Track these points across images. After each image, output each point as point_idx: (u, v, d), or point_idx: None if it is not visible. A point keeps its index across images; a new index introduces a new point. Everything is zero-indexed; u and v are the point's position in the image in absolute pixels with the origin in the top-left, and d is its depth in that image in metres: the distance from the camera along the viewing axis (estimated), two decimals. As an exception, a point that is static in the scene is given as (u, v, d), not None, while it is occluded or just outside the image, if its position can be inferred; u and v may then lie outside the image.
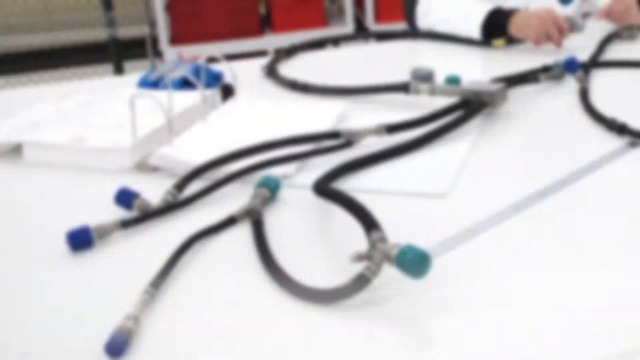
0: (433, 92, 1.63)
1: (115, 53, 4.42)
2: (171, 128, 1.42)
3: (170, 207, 1.23)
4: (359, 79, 1.79)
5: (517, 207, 1.20)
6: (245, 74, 1.89)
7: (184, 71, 1.78)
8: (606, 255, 1.07)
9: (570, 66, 1.75)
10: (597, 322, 0.92)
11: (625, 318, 0.93)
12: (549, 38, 2.02)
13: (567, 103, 1.66)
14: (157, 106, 1.41)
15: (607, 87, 1.75)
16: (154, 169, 1.39)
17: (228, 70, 1.71)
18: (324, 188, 1.21)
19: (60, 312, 1.00)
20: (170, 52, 3.92)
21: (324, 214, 1.21)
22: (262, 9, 4.21)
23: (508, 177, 1.34)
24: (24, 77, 4.94)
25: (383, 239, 0.99)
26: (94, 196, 1.32)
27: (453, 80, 1.67)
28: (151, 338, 0.93)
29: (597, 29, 2.17)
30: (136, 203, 1.22)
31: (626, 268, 1.04)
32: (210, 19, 3.98)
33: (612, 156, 1.38)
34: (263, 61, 2.06)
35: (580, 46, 2.03)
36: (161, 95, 1.51)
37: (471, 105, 1.53)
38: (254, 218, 1.17)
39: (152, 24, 4.18)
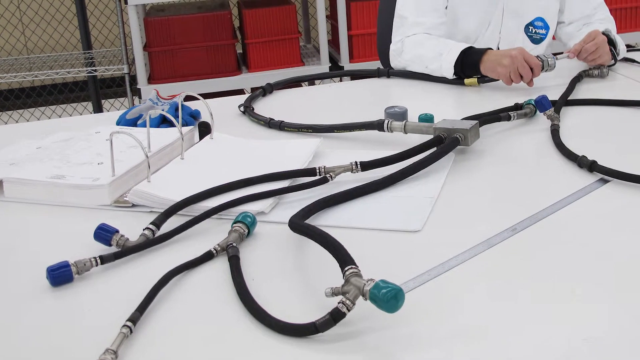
0: (406, 129, 1.64)
1: (94, 91, 4.43)
2: (149, 165, 1.44)
3: (149, 243, 1.24)
4: (334, 117, 1.81)
5: (489, 243, 1.22)
6: (222, 112, 1.90)
7: (162, 109, 1.80)
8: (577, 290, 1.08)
9: (542, 104, 1.76)
10: (568, 357, 0.93)
11: (595, 353, 0.93)
12: (520, 77, 2.04)
13: (539, 141, 1.68)
14: (135, 143, 1.43)
15: (577, 125, 1.77)
16: (133, 205, 1.41)
17: (205, 108, 1.72)
18: (300, 224, 1.23)
19: (39, 347, 1.00)
20: (148, 90, 3.93)
21: (299, 249, 1.22)
22: (238, 48, 4.25)
23: (480, 213, 1.36)
24: (4, 115, 4.94)
25: (357, 274, 1.00)
26: (73, 232, 1.33)
27: (426, 119, 1.70)
28: (129, 372, 0.94)
29: (567, 68, 2.21)
30: (115, 239, 1.23)
31: (597, 303, 1.05)
32: (188, 57, 4.01)
33: (582, 193, 1.39)
34: (240, 99, 2.08)
35: (551, 85, 2.07)
36: (139, 132, 1.53)
37: (444, 143, 1.55)
38: (231, 253, 1.18)
39: (131, 62, 4.20)
